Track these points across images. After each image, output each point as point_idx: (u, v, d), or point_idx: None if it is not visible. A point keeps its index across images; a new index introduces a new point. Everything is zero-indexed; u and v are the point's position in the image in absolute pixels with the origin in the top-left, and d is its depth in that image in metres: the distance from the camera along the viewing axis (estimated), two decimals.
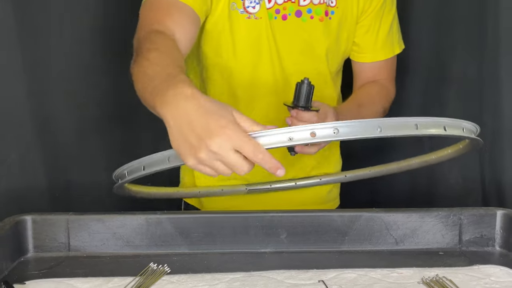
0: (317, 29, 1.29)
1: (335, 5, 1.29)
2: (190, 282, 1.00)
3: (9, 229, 1.08)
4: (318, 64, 1.32)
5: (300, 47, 1.29)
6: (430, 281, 1.00)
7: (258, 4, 1.24)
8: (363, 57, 1.39)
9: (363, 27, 1.35)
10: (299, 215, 1.15)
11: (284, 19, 1.27)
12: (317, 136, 0.82)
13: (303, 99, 1.14)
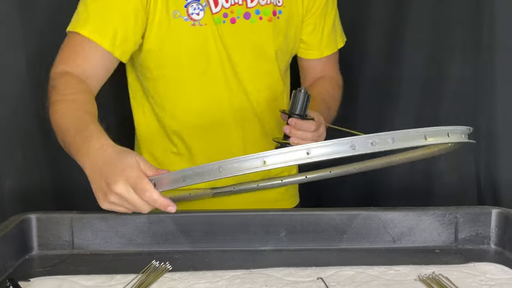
0: (266, 29, 1.29)
1: (282, 5, 1.29)
2: (191, 279, 1.00)
3: (14, 228, 1.08)
4: (270, 64, 1.32)
5: (252, 49, 1.29)
6: (427, 278, 1.00)
7: (202, 11, 1.22)
8: (311, 54, 1.40)
9: (309, 26, 1.36)
10: (299, 213, 1.15)
11: (233, 23, 1.26)
12: (311, 155, 0.87)
13: (300, 107, 1.13)
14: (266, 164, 0.88)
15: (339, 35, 1.43)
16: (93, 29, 1.16)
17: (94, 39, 1.16)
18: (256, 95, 1.32)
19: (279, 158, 0.88)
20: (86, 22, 1.17)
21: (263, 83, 1.32)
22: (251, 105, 1.33)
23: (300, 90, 1.13)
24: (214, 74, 1.28)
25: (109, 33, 1.17)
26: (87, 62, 1.17)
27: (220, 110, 1.30)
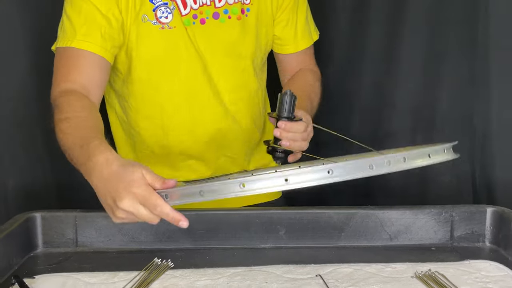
0: (236, 28, 1.28)
1: (249, 2, 1.29)
2: (193, 276, 1.00)
3: (19, 226, 1.08)
4: (242, 62, 1.31)
5: (223, 49, 1.28)
6: (423, 276, 1.00)
7: (171, 14, 1.21)
8: (287, 49, 1.39)
9: (282, 21, 1.36)
10: (298, 212, 1.15)
11: (203, 23, 1.25)
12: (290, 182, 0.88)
13: (287, 110, 1.13)
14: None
15: (312, 29, 1.43)
16: (83, 38, 1.15)
17: (87, 48, 1.15)
18: (229, 94, 1.31)
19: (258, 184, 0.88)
20: (74, 35, 1.16)
21: (236, 82, 1.31)
22: (224, 105, 1.31)
23: (286, 93, 1.12)
24: (185, 75, 1.27)
25: (98, 40, 1.16)
26: (84, 74, 1.16)
27: (193, 110, 1.29)
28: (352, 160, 0.90)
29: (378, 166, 0.90)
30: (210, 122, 1.30)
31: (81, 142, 0.99)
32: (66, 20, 1.18)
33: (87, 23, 1.16)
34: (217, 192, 0.90)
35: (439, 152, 0.97)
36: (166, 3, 1.21)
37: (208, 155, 1.34)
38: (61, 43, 1.17)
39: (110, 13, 1.17)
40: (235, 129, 1.33)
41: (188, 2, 1.23)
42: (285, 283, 0.97)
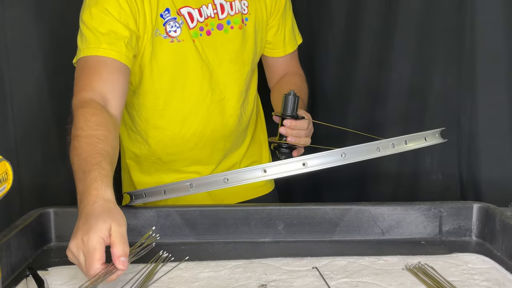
0: (238, 37, 1.30)
1: (247, 13, 1.31)
2: (196, 268, 1.00)
3: (33, 221, 1.08)
4: (244, 67, 1.33)
5: (228, 56, 1.29)
6: (413, 268, 0.99)
7: (179, 28, 1.22)
8: (277, 52, 1.42)
9: (274, 27, 1.38)
10: (295, 208, 1.15)
11: (209, 35, 1.26)
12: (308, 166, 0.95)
13: (291, 109, 1.16)
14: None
15: (297, 33, 1.45)
16: (109, 47, 1.13)
17: (113, 56, 1.12)
18: (234, 100, 1.32)
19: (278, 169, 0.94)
20: (99, 44, 1.13)
21: (240, 87, 1.32)
22: (229, 110, 1.32)
23: (290, 94, 1.16)
24: (194, 85, 1.27)
25: (123, 49, 1.14)
26: (107, 81, 1.12)
27: (201, 117, 1.29)
28: (362, 144, 0.94)
29: (384, 148, 0.96)
30: (216, 128, 1.31)
31: (84, 168, 0.95)
32: (87, 31, 1.15)
33: (110, 34, 1.14)
34: (241, 178, 0.95)
35: (432, 135, 1.06)
36: (175, 18, 1.21)
37: (212, 159, 1.34)
38: (84, 53, 1.13)
39: (129, 25, 1.16)
40: (237, 132, 1.34)
41: (194, 15, 1.24)
42: (283, 275, 0.97)
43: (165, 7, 1.21)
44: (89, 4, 1.16)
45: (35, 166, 1.50)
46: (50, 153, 1.51)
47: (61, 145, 1.51)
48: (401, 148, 0.97)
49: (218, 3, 1.27)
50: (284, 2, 1.37)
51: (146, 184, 1.33)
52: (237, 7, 1.28)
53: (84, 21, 1.16)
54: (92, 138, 1.01)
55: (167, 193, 1.04)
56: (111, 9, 1.14)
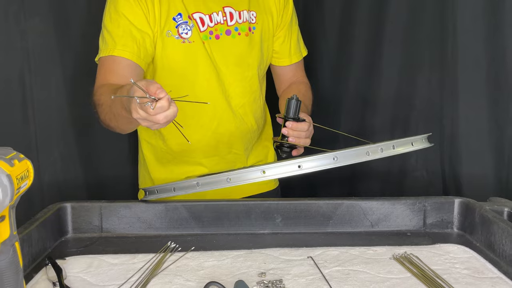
0: (244, 42, 1.31)
1: (255, 22, 1.32)
2: (201, 258, 1.00)
3: (52, 214, 1.08)
4: (250, 71, 1.33)
5: (235, 59, 1.30)
6: (400, 257, 0.99)
7: (190, 30, 1.24)
8: (283, 62, 1.43)
9: (280, 38, 1.39)
10: (292, 203, 1.14)
11: (217, 38, 1.27)
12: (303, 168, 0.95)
13: (293, 112, 1.16)
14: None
15: (302, 46, 1.46)
16: (123, 48, 1.18)
17: (125, 56, 1.18)
18: (238, 99, 1.32)
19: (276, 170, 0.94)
20: (114, 45, 1.18)
21: (244, 88, 1.33)
22: (233, 108, 1.32)
23: (292, 98, 1.16)
24: (202, 82, 1.28)
25: (134, 49, 1.18)
26: (121, 77, 1.16)
27: (209, 113, 1.30)
28: (353, 148, 0.95)
29: (373, 153, 0.96)
30: (223, 123, 1.32)
31: (111, 95, 1.01)
32: (107, 34, 1.20)
33: (125, 36, 1.18)
34: (242, 178, 0.95)
35: (419, 141, 1.05)
36: (186, 21, 1.24)
37: (219, 152, 1.34)
38: (103, 53, 1.19)
39: (143, 28, 1.20)
40: (242, 129, 1.34)
41: (205, 20, 1.26)
42: (281, 264, 0.97)
43: (178, 12, 1.23)
44: (109, 9, 1.21)
45: (54, 164, 1.50)
46: (67, 152, 1.51)
47: (78, 145, 1.52)
48: (389, 152, 0.97)
49: (228, 11, 1.29)
50: (290, 17, 1.39)
51: (160, 173, 1.35)
52: (245, 16, 1.30)
53: (105, 24, 1.22)
54: (108, 88, 1.10)
55: (176, 190, 1.05)
56: (127, 13, 1.19)
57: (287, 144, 1.17)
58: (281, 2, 1.36)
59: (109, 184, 1.56)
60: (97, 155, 1.56)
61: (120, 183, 1.58)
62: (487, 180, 1.38)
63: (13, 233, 0.72)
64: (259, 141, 1.43)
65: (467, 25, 1.37)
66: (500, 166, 1.36)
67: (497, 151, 1.36)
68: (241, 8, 1.30)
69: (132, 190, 1.57)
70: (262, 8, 1.34)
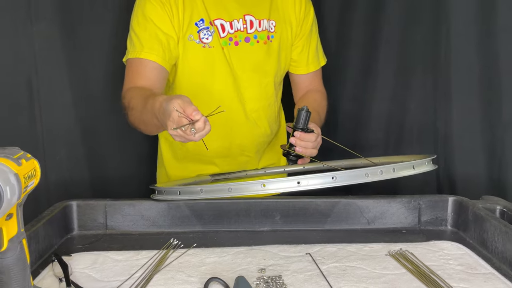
0: (262, 50, 1.31)
1: (274, 31, 1.33)
2: (203, 254, 1.00)
3: (59, 212, 1.08)
4: (266, 78, 1.34)
5: (251, 66, 1.30)
6: (395, 254, 0.99)
7: (211, 36, 1.25)
8: (300, 70, 1.42)
9: (298, 47, 1.39)
10: (291, 201, 1.14)
11: (236, 45, 1.28)
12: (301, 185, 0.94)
13: (303, 122, 1.15)
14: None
15: (321, 56, 1.46)
16: (149, 51, 1.20)
17: (151, 58, 1.20)
18: (252, 103, 1.33)
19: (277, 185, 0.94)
20: (142, 48, 1.20)
21: (259, 93, 1.33)
22: (247, 112, 1.33)
23: (303, 109, 1.15)
24: (219, 86, 1.28)
25: (160, 52, 1.20)
26: (148, 79, 1.19)
27: (224, 115, 1.29)
28: (352, 170, 0.94)
29: (372, 175, 0.94)
30: (237, 126, 1.33)
31: (143, 109, 1.06)
32: (134, 36, 1.22)
33: (151, 39, 1.20)
34: (243, 190, 0.95)
35: (422, 164, 1.02)
36: (208, 27, 1.25)
37: (232, 153, 1.35)
38: (131, 55, 1.22)
39: (168, 31, 1.22)
40: (255, 132, 1.35)
41: (226, 27, 1.27)
42: (280, 260, 0.97)
43: (200, 18, 1.25)
44: (136, 13, 1.23)
45: (60, 164, 1.50)
46: (73, 152, 1.51)
47: (83, 145, 1.51)
48: (389, 175, 0.95)
49: (248, 19, 1.29)
50: (310, 27, 1.39)
51: (176, 169, 1.38)
52: (264, 25, 1.31)
53: (133, 27, 1.24)
54: (141, 93, 1.13)
55: (181, 194, 1.05)
56: (153, 17, 1.21)
57: (294, 153, 1.16)
58: (301, 13, 1.36)
59: (113, 183, 1.56)
60: (101, 155, 1.55)
61: (124, 182, 1.58)
62: (480, 179, 1.38)
63: (21, 230, 0.72)
64: (272, 145, 1.44)
65: (460, 29, 1.37)
66: (492, 165, 1.36)
67: (489, 151, 1.36)
68: (262, 17, 1.30)
69: (136, 188, 1.57)
70: (282, 18, 1.34)
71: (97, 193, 1.52)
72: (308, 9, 1.38)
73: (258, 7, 1.31)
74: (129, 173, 1.58)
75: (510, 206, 1.11)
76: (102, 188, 1.54)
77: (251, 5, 1.30)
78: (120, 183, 1.58)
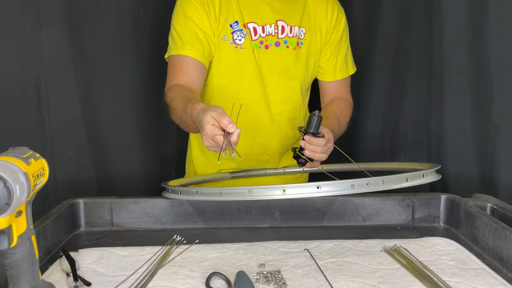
0: (291, 55, 1.31)
1: (303, 38, 1.33)
2: (205, 250, 1.00)
3: (66, 210, 1.08)
4: (292, 82, 1.33)
5: (279, 69, 1.30)
6: (390, 250, 0.99)
7: (244, 38, 1.26)
8: (327, 77, 1.41)
9: (326, 55, 1.38)
10: (289, 199, 1.14)
11: (266, 48, 1.29)
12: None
13: (313, 127, 1.13)
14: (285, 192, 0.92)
15: (350, 64, 1.43)
16: (190, 48, 1.23)
17: (192, 55, 1.23)
18: (277, 106, 1.33)
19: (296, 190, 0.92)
20: (183, 45, 1.23)
21: (284, 96, 1.33)
22: (272, 113, 1.33)
23: (314, 114, 1.13)
24: (247, 85, 1.29)
25: (200, 49, 1.23)
26: (188, 75, 1.22)
27: (250, 114, 1.30)
28: (338, 182, 0.92)
29: (359, 187, 0.93)
30: (261, 126, 1.33)
31: (185, 106, 1.07)
32: (176, 34, 1.25)
33: (191, 37, 1.23)
34: (263, 194, 0.93)
35: (417, 177, 0.97)
36: (241, 29, 1.27)
37: (254, 151, 1.35)
38: (173, 52, 1.24)
39: (206, 30, 1.24)
40: (278, 134, 1.35)
41: (258, 31, 1.28)
42: (279, 256, 0.97)
43: (235, 20, 1.26)
44: (177, 13, 1.26)
45: (68, 163, 1.49)
46: (80, 152, 1.51)
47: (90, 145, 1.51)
48: (377, 188, 0.93)
49: (280, 25, 1.29)
50: (340, 36, 1.38)
51: (202, 164, 1.39)
52: (295, 31, 1.31)
53: (174, 25, 1.26)
54: (182, 95, 1.15)
55: (199, 195, 1.02)
56: (193, 17, 1.24)
57: (303, 157, 1.15)
58: (332, 22, 1.36)
59: (119, 181, 1.56)
60: (107, 154, 1.55)
61: (129, 180, 1.58)
62: (471, 178, 1.38)
63: (30, 227, 0.72)
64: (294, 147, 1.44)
65: (452, 35, 1.37)
66: (483, 164, 1.36)
67: (480, 151, 1.36)
68: (293, 23, 1.31)
69: (140, 187, 1.57)
70: (313, 25, 1.34)
71: (103, 191, 1.52)
72: (340, 18, 1.37)
73: (291, 14, 1.31)
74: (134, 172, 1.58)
75: (500, 204, 1.11)
76: (108, 187, 1.54)
77: (284, 11, 1.30)
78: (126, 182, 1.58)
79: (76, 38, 1.46)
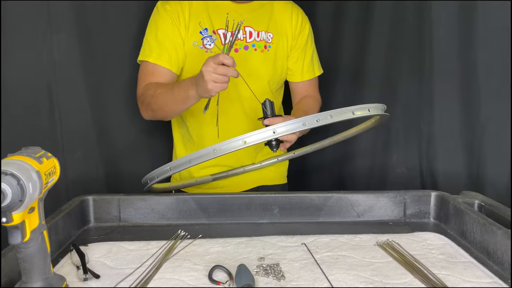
0: (259, 58, 1.36)
1: (271, 41, 1.38)
2: (207, 244, 1.00)
3: (76, 206, 1.08)
4: (261, 83, 1.37)
5: (248, 71, 1.32)
6: (383, 244, 1.00)
7: (213, 43, 1.31)
8: (295, 78, 1.46)
9: (293, 58, 1.43)
10: (288, 196, 1.14)
11: (236, 52, 1.33)
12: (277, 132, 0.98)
13: (269, 110, 1.17)
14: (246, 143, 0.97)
15: (316, 66, 1.49)
16: (157, 56, 1.30)
17: (158, 63, 1.30)
18: (249, 102, 1.35)
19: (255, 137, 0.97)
20: (151, 52, 1.30)
21: (250, 92, 1.32)
22: (245, 110, 1.36)
23: (265, 100, 1.18)
24: None
25: (166, 57, 1.30)
26: (160, 78, 1.29)
27: (224, 111, 1.31)
28: (290, 122, 0.97)
29: (310, 123, 0.96)
30: (235, 122, 1.36)
31: (171, 85, 1.21)
32: (146, 42, 1.33)
33: (160, 45, 1.30)
34: (227, 148, 0.97)
35: (363, 109, 1.01)
36: (211, 35, 1.31)
37: None
38: (142, 57, 1.32)
39: (175, 39, 1.30)
40: (252, 129, 1.34)
41: (227, 36, 1.26)
42: (278, 250, 0.97)
43: (205, 27, 1.32)
44: (150, 23, 1.34)
45: (78, 162, 1.49)
46: (89, 152, 1.51)
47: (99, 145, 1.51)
48: (327, 121, 0.96)
49: (248, 30, 1.35)
50: (305, 41, 1.43)
51: (190, 169, 1.37)
52: (262, 36, 1.37)
53: (146, 33, 1.34)
54: (159, 87, 1.25)
55: (172, 170, 1.05)
56: (163, 26, 1.31)
57: (275, 140, 1.16)
58: (297, 28, 1.41)
59: (126, 179, 1.56)
60: (115, 154, 1.55)
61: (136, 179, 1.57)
62: (460, 176, 1.38)
63: (42, 222, 0.72)
64: None
65: (442, 39, 1.37)
66: (471, 163, 1.36)
67: (468, 150, 1.36)
68: (260, 29, 1.37)
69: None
70: (279, 31, 1.40)
71: (112, 189, 1.52)
72: (304, 24, 1.43)
73: (257, 20, 1.36)
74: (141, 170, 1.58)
75: (487, 201, 1.11)
76: (116, 185, 1.54)
77: (251, 18, 1.35)
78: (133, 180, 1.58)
79: (85, 43, 1.46)
